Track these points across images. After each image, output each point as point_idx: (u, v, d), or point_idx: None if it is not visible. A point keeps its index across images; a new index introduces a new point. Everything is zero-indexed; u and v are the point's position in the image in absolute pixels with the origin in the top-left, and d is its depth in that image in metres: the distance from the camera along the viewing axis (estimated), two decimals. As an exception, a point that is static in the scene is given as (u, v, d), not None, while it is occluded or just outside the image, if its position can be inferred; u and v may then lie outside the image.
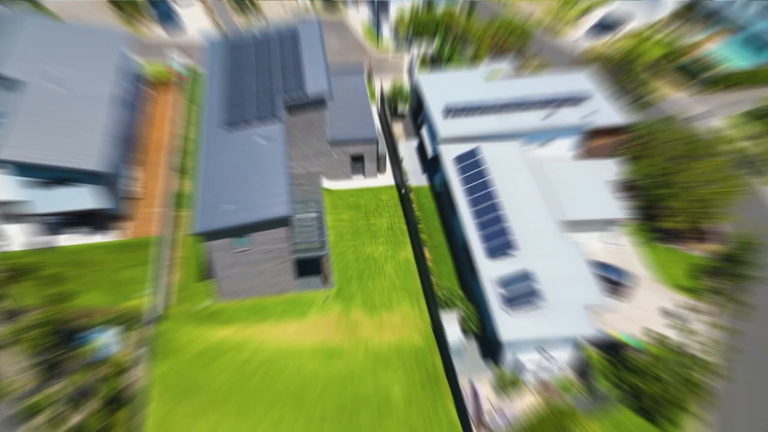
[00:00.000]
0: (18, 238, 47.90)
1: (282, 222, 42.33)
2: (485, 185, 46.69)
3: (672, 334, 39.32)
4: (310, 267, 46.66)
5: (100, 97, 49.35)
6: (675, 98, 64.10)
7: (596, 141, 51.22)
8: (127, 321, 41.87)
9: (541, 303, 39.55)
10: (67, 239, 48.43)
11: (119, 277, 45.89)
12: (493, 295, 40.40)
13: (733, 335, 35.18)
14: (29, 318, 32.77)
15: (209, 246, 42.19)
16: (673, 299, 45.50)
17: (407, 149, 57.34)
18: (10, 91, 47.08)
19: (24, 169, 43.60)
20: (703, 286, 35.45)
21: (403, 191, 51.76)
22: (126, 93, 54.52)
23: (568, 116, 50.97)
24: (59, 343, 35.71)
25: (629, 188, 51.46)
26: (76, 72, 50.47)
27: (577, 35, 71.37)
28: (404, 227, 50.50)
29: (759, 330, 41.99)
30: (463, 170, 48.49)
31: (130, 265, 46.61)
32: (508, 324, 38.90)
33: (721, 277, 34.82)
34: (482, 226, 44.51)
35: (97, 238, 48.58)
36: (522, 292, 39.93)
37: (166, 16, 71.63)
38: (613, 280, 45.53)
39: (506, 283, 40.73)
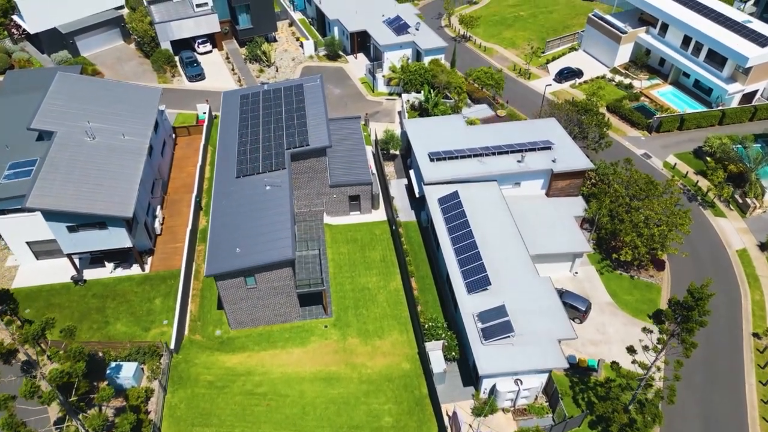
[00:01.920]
0: (52, 273, 45.37)
1: (286, 263, 39.74)
2: (465, 225, 43.97)
3: (629, 362, 36.79)
4: (311, 299, 44.17)
5: (136, 150, 46.59)
6: (632, 137, 61.23)
7: (564, 181, 48.54)
8: (147, 352, 39.20)
9: (517, 337, 36.91)
10: (97, 273, 45.80)
11: (143, 309, 43.31)
12: (473, 329, 37.75)
13: (676, 366, 33.12)
14: (51, 371, 29.98)
15: (219, 285, 39.61)
16: (631, 323, 43.01)
17: (398, 186, 54.51)
18: (50, 143, 44.23)
19: (58, 215, 40.76)
20: (659, 327, 33.14)
21: (393, 227, 49.06)
22: (157, 142, 51.90)
23: (538, 160, 48.21)
24: (83, 380, 32.88)
25: (593, 223, 48.79)
26: (117, 127, 47.69)
27: (546, 80, 68.45)
28: (395, 259, 47.77)
29: (696, 357, 40.10)
30: (445, 210, 45.75)
31: (153, 297, 44.03)
32: (486, 358, 36.26)
33: (673, 321, 32.46)
34: (463, 263, 41.83)
35: (125, 272, 45.93)
36: (499, 327, 37.28)
37: (190, 66, 68.70)
38: (576, 306, 42.91)
39: (485, 318, 38.09)
